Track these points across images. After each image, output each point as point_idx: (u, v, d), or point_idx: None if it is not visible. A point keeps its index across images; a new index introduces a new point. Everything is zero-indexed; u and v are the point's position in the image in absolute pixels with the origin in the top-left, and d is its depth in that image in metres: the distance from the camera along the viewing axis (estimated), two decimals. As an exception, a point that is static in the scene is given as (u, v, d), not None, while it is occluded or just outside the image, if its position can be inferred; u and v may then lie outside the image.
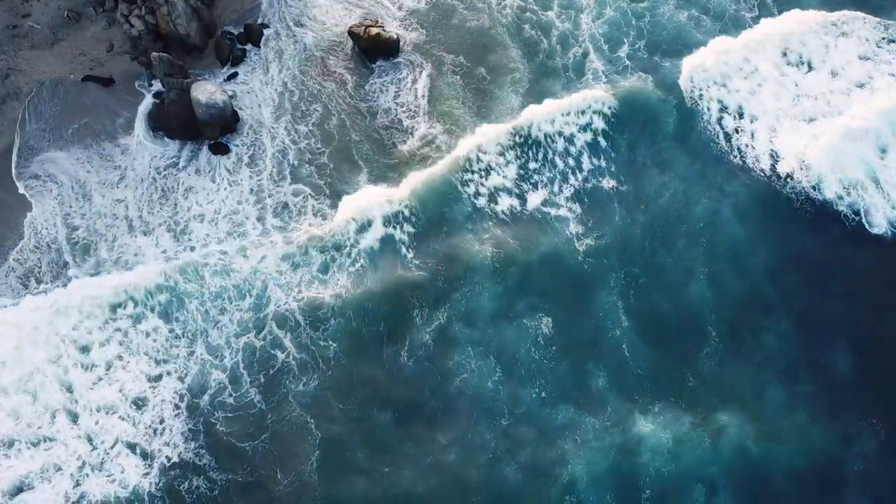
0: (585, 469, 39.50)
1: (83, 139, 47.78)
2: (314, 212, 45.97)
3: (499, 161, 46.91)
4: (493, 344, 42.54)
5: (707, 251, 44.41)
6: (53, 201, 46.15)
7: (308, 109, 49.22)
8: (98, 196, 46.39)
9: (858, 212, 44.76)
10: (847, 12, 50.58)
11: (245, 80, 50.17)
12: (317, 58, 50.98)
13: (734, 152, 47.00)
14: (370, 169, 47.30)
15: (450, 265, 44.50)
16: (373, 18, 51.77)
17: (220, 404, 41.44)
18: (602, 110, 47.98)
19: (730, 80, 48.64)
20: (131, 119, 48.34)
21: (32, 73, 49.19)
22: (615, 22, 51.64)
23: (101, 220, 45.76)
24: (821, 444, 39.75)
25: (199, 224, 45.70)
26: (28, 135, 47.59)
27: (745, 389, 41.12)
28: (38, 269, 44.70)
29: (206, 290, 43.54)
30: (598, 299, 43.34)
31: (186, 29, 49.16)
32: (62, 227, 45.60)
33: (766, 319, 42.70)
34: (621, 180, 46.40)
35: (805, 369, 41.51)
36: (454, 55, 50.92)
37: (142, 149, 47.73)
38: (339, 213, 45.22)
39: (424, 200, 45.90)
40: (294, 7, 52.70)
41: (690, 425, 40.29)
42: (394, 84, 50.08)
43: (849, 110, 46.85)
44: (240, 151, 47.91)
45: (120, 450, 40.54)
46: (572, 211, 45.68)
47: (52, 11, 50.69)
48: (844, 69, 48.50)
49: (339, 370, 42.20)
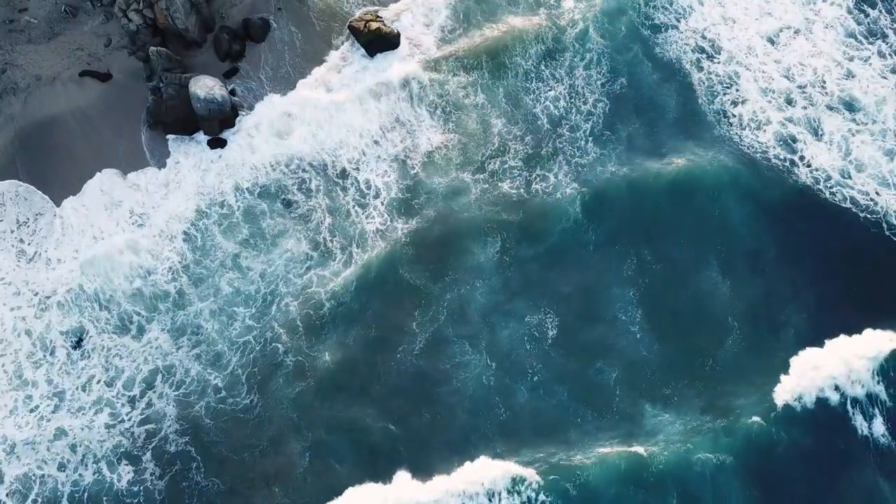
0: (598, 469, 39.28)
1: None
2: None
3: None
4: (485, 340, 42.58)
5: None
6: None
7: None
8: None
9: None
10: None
11: (244, 76, 49.78)
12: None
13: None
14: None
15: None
16: (372, 12, 51.31)
17: (216, 406, 41.28)
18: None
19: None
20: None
21: (29, 68, 48.78)
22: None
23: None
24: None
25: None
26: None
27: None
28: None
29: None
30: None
31: (185, 23, 48.65)
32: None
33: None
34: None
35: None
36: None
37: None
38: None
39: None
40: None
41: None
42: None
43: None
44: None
45: (110, 451, 40.50)
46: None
47: (50, 6, 50.21)
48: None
49: (335, 374, 42.07)
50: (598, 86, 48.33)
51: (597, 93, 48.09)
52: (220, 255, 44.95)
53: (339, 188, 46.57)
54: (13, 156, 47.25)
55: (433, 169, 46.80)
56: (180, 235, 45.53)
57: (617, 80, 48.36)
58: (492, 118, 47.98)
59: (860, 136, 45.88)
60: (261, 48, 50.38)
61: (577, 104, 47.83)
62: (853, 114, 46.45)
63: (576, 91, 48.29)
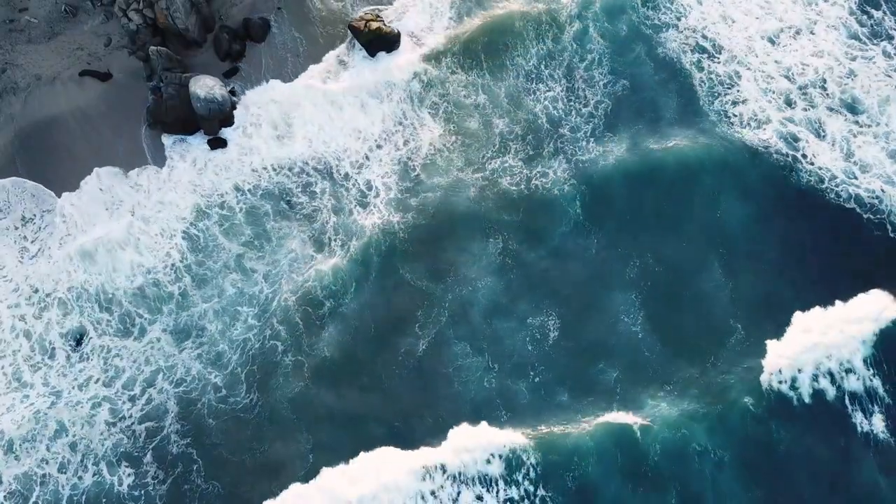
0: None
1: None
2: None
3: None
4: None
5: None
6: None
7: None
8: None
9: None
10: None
11: (244, 75, 49.71)
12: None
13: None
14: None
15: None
16: (372, 11, 51.20)
17: (215, 405, 41.31)
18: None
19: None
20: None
21: (29, 67, 48.71)
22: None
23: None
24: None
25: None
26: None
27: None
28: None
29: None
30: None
31: (185, 23, 48.55)
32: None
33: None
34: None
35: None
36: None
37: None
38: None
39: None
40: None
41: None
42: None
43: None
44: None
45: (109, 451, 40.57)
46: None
47: (50, 5, 50.11)
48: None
49: (335, 374, 42.12)
50: (598, 83, 48.37)
51: (597, 92, 48.13)
52: (223, 256, 44.91)
53: (340, 188, 46.49)
54: (13, 155, 47.21)
55: (434, 169, 46.71)
56: (180, 235, 45.48)
57: (618, 80, 48.34)
58: (493, 118, 47.88)
59: (862, 136, 45.89)
60: (261, 48, 50.28)
61: (577, 106, 47.75)
62: (856, 116, 46.44)
63: (575, 90, 48.22)
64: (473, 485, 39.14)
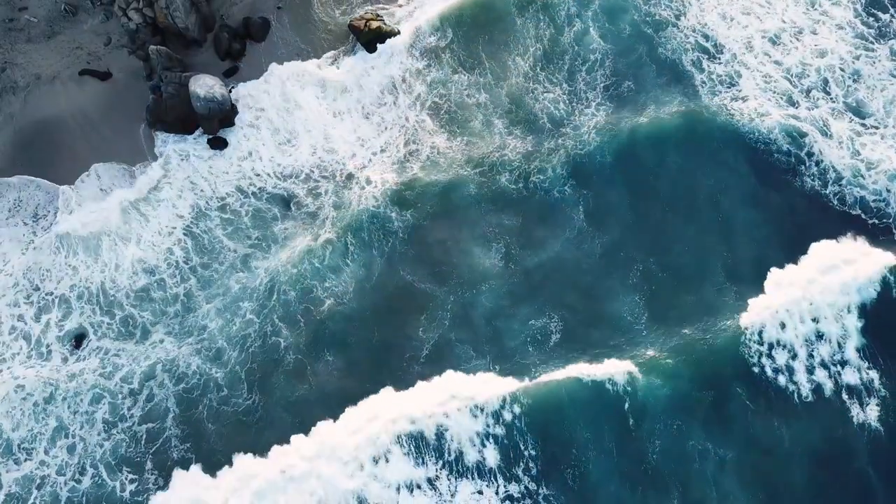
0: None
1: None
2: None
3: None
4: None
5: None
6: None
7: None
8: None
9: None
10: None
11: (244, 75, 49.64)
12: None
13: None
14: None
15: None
16: (373, 11, 51.15)
17: (215, 406, 41.29)
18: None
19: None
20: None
21: (29, 67, 48.60)
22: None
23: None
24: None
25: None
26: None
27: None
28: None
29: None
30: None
31: (185, 22, 48.47)
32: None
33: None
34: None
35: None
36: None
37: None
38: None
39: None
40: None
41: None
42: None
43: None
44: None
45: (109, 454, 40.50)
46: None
47: (49, 4, 50.01)
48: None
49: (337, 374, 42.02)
50: (598, 82, 48.52)
51: (597, 89, 48.28)
52: (222, 255, 44.82)
53: (340, 188, 46.37)
54: (13, 155, 47.06)
55: (435, 169, 46.62)
56: (180, 234, 45.34)
57: (619, 79, 48.51)
58: (494, 118, 47.81)
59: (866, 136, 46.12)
60: (261, 47, 50.21)
61: (578, 107, 47.82)
62: (862, 119, 46.63)
63: (575, 91, 48.29)
64: (472, 479, 39.16)
